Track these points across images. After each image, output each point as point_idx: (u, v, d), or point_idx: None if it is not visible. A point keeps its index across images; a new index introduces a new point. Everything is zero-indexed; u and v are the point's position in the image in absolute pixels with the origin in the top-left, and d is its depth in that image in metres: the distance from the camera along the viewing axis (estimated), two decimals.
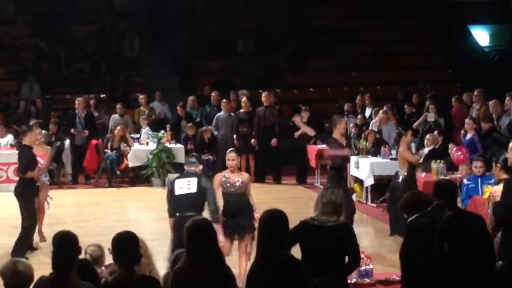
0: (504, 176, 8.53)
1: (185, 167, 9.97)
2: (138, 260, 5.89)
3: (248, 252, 9.76)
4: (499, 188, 8.47)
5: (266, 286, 6.01)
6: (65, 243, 5.72)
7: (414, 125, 17.37)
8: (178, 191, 9.58)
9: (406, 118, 18.91)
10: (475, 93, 17.75)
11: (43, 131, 18.23)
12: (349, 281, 8.27)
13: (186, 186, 9.55)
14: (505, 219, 7.73)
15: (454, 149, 14.23)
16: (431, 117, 17.13)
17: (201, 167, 10.00)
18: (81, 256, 6.13)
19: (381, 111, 17.27)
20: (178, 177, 9.83)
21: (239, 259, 9.90)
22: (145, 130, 19.18)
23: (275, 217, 6.18)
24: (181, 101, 20.36)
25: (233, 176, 10.08)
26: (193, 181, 9.53)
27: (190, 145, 18.74)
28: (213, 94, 20.26)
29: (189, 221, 6.02)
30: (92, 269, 6.47)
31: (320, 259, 6.65)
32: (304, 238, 6.77)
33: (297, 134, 18.53)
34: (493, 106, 16.56)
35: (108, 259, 6.85)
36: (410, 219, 7.05)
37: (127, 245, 5.81)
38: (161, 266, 6.94)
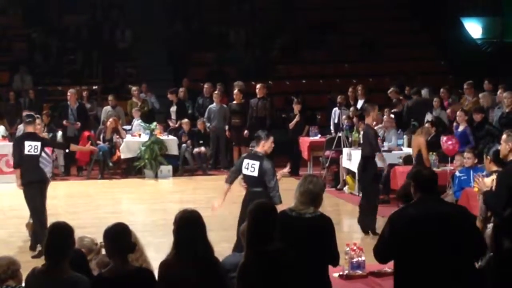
0: (495, 168, 8.55)
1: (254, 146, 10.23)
2: (132, 251, 5.87)
3: None
4: (488, 180, 8.50)
5: (258, 278, 6.01)
6: (58, 234, 5.71)
7: None
8: (244, 170, 9.93)
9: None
10: (466, 85, 17.73)
11: None
12: (341, 273, 8.32)
13: (250, 167, 9.87)
14: (498, 211, 7.75)
15: (445, 138, 14.25)
16: (429, 116, 17.01)
17: (267, 142, 10.02)
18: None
19: (385, 116, 16.99)
20: (246, 156, 10.14)
21: None
22: (137, 122, 19.18)
23: (262, 209, 6.16)
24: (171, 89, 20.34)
25: None
26: (256, 164, 9.82)
27: (185, 137, 18.82)
28: (205, 85, 20.24)
29: (179, 212, 5.99)
30: (85, 261, 6.46)
31: (298, 250, 6.55)
32: (283, 230, 6.65)
33: (291, 124, 18.57)
34: (483, 98, 16.56)
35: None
36: (400, 209, 6.71)
37: (120, 236, 5.78)
38: (153, 257, 6.93)
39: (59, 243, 5.65)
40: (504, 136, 8.12)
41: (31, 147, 11.48)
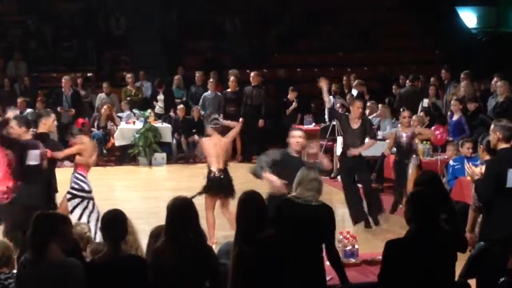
0: (488, 157, 8.56)
1: None
2: (123, 238, 5.90)
3: None
4: (478, 168, 8.54)
5: (253, 265, 6.03)
6: (42, 221, 5.67)
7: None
8: None
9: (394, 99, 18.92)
10: (462, 75, 17.74)
11: (29, 110, 18.21)
12: None
13: None
14: (487, 200, 7.78)
15: (433, 128, 14.27)
16: (425, 102, 17.03)
17: None
18: None
19: (380, 105, 16.96)
20: None
21: None
22: (127, 113, 19.18)
23: (249, 199, 6.27)
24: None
25: None
26: None
27: (177, 124, 18.83)
28: (197, 74, 20.24)
29: (172, 199, 6.02)
30: (78, 248, 6.47)
31: (301, 237, 6.64)
32: (288, 216, 6.76)
33: (288, 110, 18.58)
34: (464, 87, 16.55)
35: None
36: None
37: (113, 223, 5.83)
38: (146, 244, 6.94)
39: (43, 229, 5.61)
40: (492, 126, 8.16)
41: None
